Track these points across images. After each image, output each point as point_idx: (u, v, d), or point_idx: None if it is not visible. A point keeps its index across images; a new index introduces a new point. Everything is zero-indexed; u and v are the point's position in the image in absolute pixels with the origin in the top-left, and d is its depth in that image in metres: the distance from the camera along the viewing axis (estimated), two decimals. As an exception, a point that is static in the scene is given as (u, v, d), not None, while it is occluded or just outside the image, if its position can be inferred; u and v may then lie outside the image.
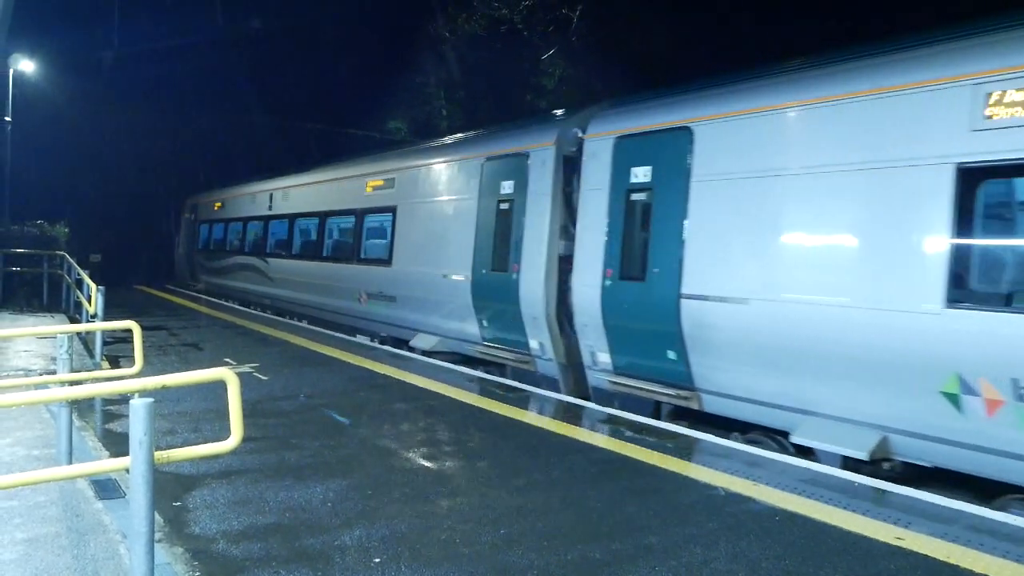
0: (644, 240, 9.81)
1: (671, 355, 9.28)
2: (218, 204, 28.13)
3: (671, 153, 9.53)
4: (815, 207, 8.06)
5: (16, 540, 5.06)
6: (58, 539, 5.11)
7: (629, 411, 9.50)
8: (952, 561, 5.04)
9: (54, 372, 7.72)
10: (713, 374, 8.91)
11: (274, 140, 36.35)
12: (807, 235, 8.20)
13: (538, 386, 11.25)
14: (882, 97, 7.54)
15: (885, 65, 7.72)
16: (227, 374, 4.52)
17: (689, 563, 5.01)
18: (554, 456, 7.49)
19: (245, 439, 4.61)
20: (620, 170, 10.22)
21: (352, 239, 17.52)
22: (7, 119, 24.66)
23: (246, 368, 11.72)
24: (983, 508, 6.13)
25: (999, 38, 6.93)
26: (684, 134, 9.39)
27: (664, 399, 9.57)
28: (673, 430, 8.61)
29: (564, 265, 11.30)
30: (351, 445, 7.78)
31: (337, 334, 16.60)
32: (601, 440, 8.18)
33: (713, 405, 9.01)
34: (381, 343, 15.44)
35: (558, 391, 11.19)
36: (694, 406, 9.17)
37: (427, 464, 7.13)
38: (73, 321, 16.67)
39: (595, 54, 30.16)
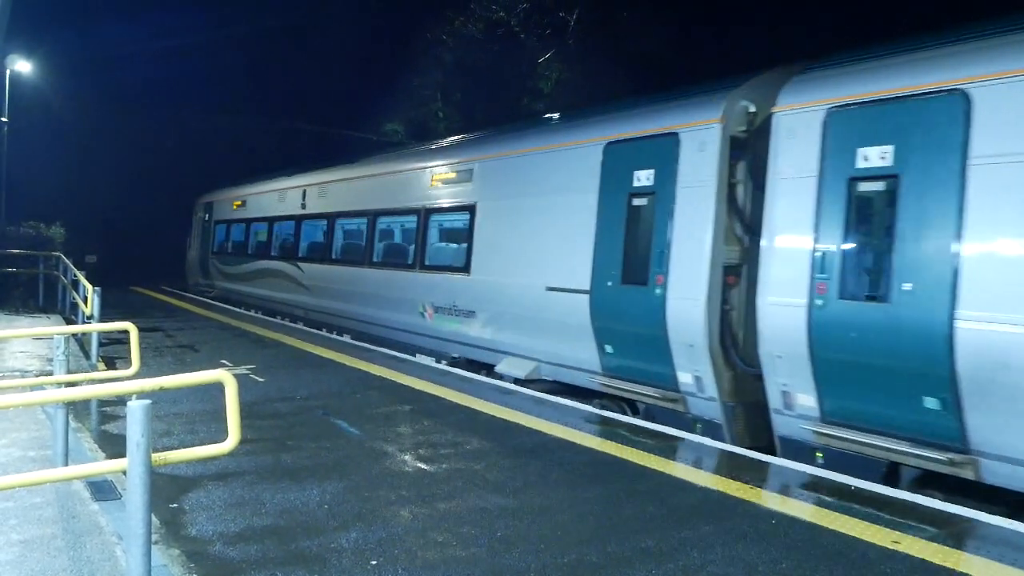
0: (885, 246, 7.45)
1: (931, 403, 7.03)
2: (238, 203, 25.46)
3: (929, 127, 7.27)
4: None
5: (12, 542, 5.05)
6: (54, 541, 5.10)
7: (837, 470, 7.33)
8: (948, 565, 5.05)
9: (50, 373, 7.72)
10: (1007, 432, 6.63)
11: (270, 142, 36.32)
12: None
13: (674, 429, 8.98)
14: None
15: None
16: (224, 376, 4.51)
17: (686, 566, 5.01)
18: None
19: (241, 441, 4.61)
20: (839, 151, 7.84)
21: (413, 242, 14.96)
22: (4, 120, 24.62)
23: (242, 370, 11.71)
24: (980, 512, 6.13)
25: None
26: (953, 101, 7.11)
27: (913, 461, 7.24)
28: (661, 430, 8.61)
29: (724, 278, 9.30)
30: (348, 447, 7.77)
31: (333, 336, 16.58)
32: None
33: (1002, 475, 6.70)
34: (452, 365, 13.26)
35: (701, 435, 8.92)
36: (967, 474, 6.86)
37: (424, 466, 7.12)
38: (69, 322, 16.64)
39: (592, 57, 30.21)
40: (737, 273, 9.24)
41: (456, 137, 16.81)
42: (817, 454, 7.89)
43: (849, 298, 7.59)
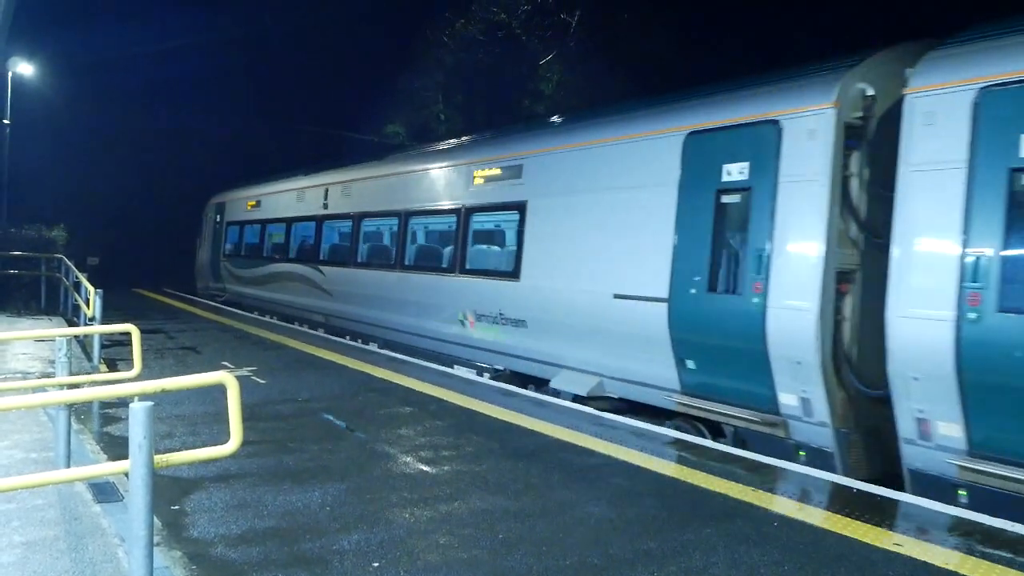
0: None
1: None
2: (252, 203, 24.20)
3: None
4: None
5: (14, 543, 5.05)
6: (56, 542, 5.10)
7: (982, 510, 6.31)
8: (951, 568, 5.04)
9: (52, 375, 7.72)
10: None
11: (272, 143, 36.34)
12: None
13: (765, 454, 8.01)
14: None
15: None
16: (227, 378, 4.51)
17: (688, 568, 5.00)
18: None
19: (243, 443, 4.61)
20: (995, 138, 6.75)
21: (451, 245, 13.78)
22: (6, 122, 24.65)
23: (244, 372, 11.71)
24: (982, 515, 6.13)
25: None
26: None
27: None
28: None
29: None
30: (349, 449, 7.77)
31: (335, 338, 16.57)
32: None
33: None
34: (495, 378, 12.23)
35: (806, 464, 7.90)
36: None
37: (426, 468, 7.12)
38: (71, 324, 16.65)
39: (593, 59, 30.22)
40: (850, 279, 8.19)
41: (501, 129, 15.74)
42: (959, 491, 6.85)
43: (1013, 311, 6.44)
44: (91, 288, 13.46)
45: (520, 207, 12.12)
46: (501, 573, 4.87)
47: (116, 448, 7.38)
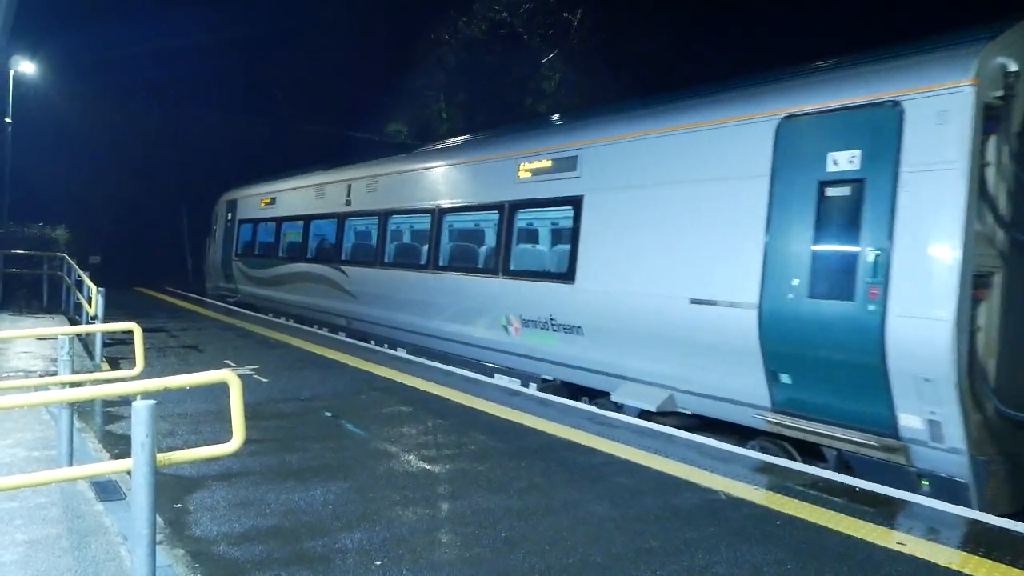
0: None
1: None
2: (267, 200, 23.07)
3: None
4: None
5: (17, 542, 5.05)
6: (59, 541, 5.10)
7: None
8: (954, 567, 5.04)
9: (54, 373, 7.72)
10: None
11: (274, 142, 36.36)
12: None
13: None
14: None
15: None
16: (229, 376, 4.51)
17: (690, 567, 5.00)
18: None
19: (246, 441, 4.61)
20: None
21: (494, 244, 12.71)
22: (7, 120, 24.67)
23: (246, 370, 11.71)
24: (985, 515, 6.13)
25: None
26: None
27: None
28: (671, 433, 8.62)
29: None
30: (352, 447, 7.77)
31: (339, 337, 16.56)
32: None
33: None
34: (543, 389, 11.36)
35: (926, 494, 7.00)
36: None
37: (428, 467, 7.12)
38: (73, 323, 16.67)
39: (595, 58, 30.23)
40: (987, 284, 7.16)
41: (550, 119, 14.47)
42: None
43: None
44: (93, 286, 13.47)
45: (575, 203, 11.03)
46: (503, 571, 4.87)
47: (118, 446, 7.38)
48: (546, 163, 11.82)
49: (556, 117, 14.21)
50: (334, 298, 17.76)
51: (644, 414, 9.50)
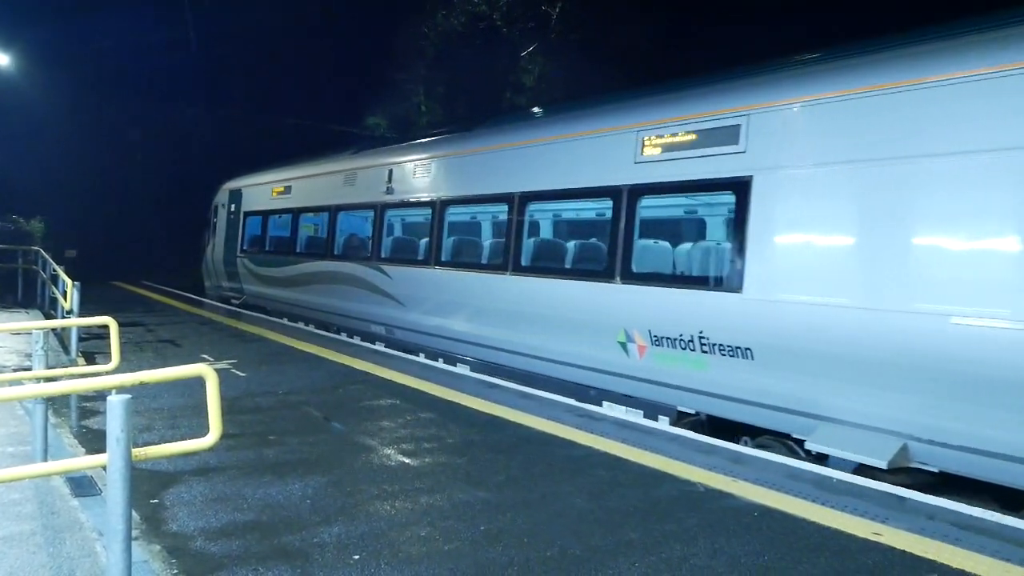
0: None
1: None
2: (279, 189, 20.46)
3: None
4: None
5: (-10, 538, 5.01)
6: (33, 537, 5.06)
7: None
8: (929, 556, 5.08)
9: (29, 368, 7.64)
10: None
11: (252, 135, 36.15)
12: None
13: None
14: None
15: None
16: (206, 370, 4.48)
17: (669, 559, 5.02)
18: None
19: (223, 436, 4.58)
20: None
21: (606, 240, 10.34)
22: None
23: (224, 364, 11.65)
24: (961, 504, 6.18)
25: None
26: None
27: None
28: (657, 428, 8.64)
29: None
30: (330, 441, 7.74)
31: (316, 331, 16.48)
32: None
33: None
34: (678, 424, 9.10)
35: None
36: None
37: (407, 460, 7.11)
38: (48, 317, 16.50)
39: (575, 51, 30.23)
40: None
41: (688, 79, 10.70)
42: None
43: None
44: (68, 281, 13.33)
45: (738, 185, 8.53)
46: (482, 565, 4.87)
47: (94, 442, 7.32)
48: (688, 135, 9.30)
49: (700, 78, 10.37)
50: (371, 302, 15.31)
51: (861, 469, 7.20)
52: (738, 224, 8.48)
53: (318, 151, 20.66)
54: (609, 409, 9.74)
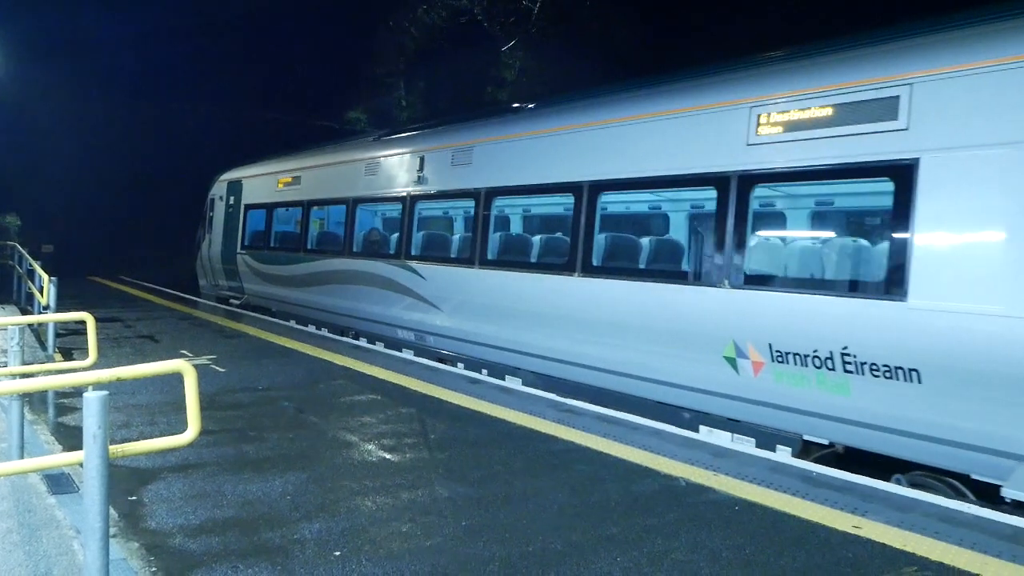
0: None
1: None
2: (286, 180, 18.75)
3: None
4: None
5: (-35, 536, 4.94)
6: (9, 535, 5.00)
7: None
8: (908, 549, 5.11)
9: (4, 365, 7.57)
10: None
11: (232, 129, 35.94)
12: None
13: None
14: None
15: None
16: (184, 366, 4.45)
17: (650, 553, 5.02)
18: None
19: (202, 432, 4.54)
20: None
21: (707, 236, 8.95)
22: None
23: (203, 360, 11.57)
24: (939, 497, 6.23)
25: None
26: None
27: None
28: (630, 420, 8.65)
29: None
30: (310, 437, 7.70)
31: (295, 326, 16.38)
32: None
33: None
34: (801, 454, 7.70)
35: None
36: None
37: (388, 456, 7.08)
38: (24, 312, 16.34)
39: (556, 46, 30.22)
40: None
41: (816, 42, 8.88)
42: None
43: None
44: (45, 276, 13.21)
45: (898, 169, 7.10)
46: (464, 560, 4.86)
47: (71, 438, 7.25)
48: (820, 110, 7.84)
49: (840, 41, 8.51)
50: (398, 305, 13.77)
51: None
52: (898, 217, 7.05)
53: (298, 145, 20.25)
54: (708, 435, 8.33)
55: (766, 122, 8.17)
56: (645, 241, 10.24)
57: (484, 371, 11.56)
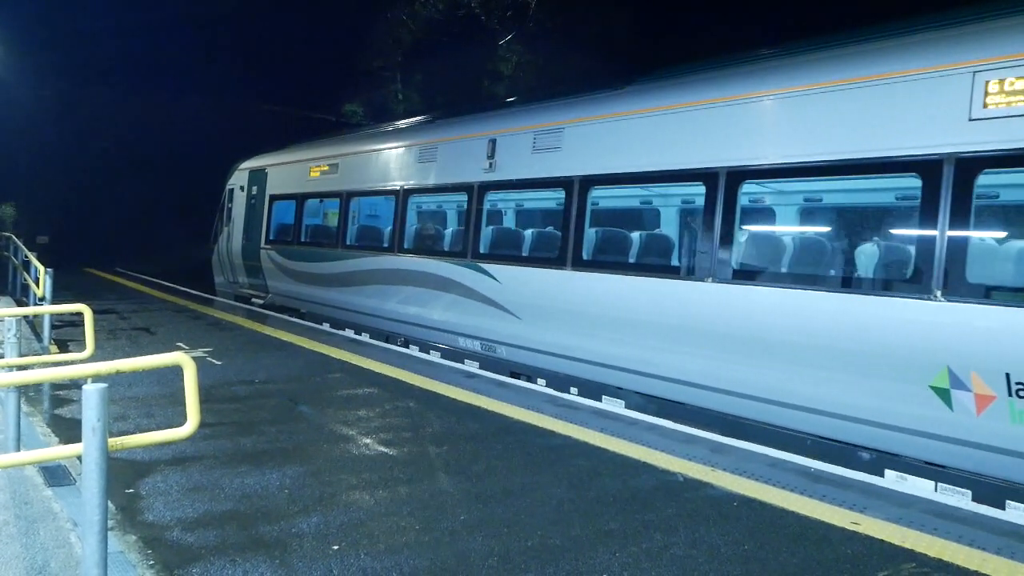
0: None
1: None
2: (321, 168, 17.04)
3: None
4: None
5: (-38, 529, 4.93)
6: (6, 527, 4.98)
7: None
8: (907, 545, 5.11)
9: (1, 357, 7.54)
10: None
11: (228, 121, 35.84)
12: None
13: None
14: None
15: None
16: (183, 359, 4.43)
17: (649, 548, 5.02)
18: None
19: (200, 425, 4.52)
20: None
21: (909, 233, 7.58)
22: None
23: (199, 353, 11.54)
24: (936, 494, 6.23)
25: None
26: None
27: None
28: (632, 416, 8.64)
29: None
30: (308, 431, 7.68)
31: (292, 319, 16.33)
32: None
33: None
34: None
35: None
36: None
37: (385, 450, 7.07)
38: (20, 304, 16.29)
39: (553, 40, 30.17)
40: None
41: None
42: None
43: None
44: (41, 267, 13.17)
45: None
46: (462, 555, 4.85)
47: (68, 431, 7.23)
48: None
49: None
50: (462, 310, 12.19)
51: None
52: None
53: (298, 136, 19.76)
54: (900, 482, 6.69)
55: (993, 92, 6.48)
56: (811, 240, 8.62)
57: (574, 390, 10.13)
